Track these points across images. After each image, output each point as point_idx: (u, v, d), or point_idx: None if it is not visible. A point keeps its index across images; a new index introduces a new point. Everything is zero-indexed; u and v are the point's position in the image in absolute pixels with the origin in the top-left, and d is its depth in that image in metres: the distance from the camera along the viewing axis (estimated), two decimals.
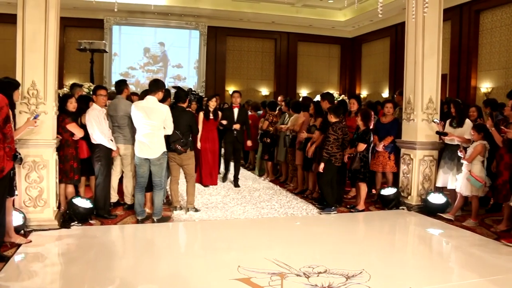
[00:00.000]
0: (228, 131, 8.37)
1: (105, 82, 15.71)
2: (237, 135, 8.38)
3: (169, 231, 5.75)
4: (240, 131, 8.37)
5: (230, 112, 8.42)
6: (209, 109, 7.99)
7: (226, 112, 8.45)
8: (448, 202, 6.55)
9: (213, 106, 8.01)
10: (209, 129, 7.99)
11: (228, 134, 8.42)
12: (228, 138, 8.47)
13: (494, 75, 12.32)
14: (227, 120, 8.26)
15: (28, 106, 5.22)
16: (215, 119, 8.05)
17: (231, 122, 8.26)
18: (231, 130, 8.31)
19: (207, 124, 7.94)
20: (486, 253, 4.95)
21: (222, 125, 8.26)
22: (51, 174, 5.38)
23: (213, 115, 8.02)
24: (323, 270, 4.19)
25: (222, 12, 16.14)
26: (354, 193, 7.51)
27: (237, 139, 8.44)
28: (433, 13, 6.65)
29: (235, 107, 8.41)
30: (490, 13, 12.40)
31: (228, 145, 8.60)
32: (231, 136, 8.38)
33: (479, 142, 5.94)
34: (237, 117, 8.35)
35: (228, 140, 8.51)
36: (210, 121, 7.97)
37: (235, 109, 8.39)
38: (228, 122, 8.25)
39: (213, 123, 8.04)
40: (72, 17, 14.48)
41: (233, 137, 8.37)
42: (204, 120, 7.91)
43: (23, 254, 4.53)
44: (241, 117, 8.38)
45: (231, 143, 8.49)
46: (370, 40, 17.84)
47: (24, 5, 5.18)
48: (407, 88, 7.01)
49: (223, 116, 8.28)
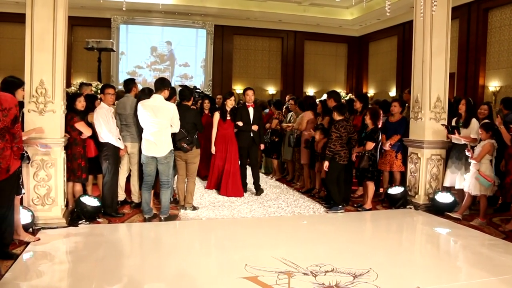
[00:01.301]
0: (243, 133, 7.55)
1: (112, 81, 15.77)
2: (254, 137, 7.59)
3: (176, 230, 5.77)
4: (256, 132, 7.60)
5: (245, 111, 7.57)
6: (226, 108, 7.44)
7: (241, 111, 7.61)
8: (455, 201, 6.52)
9: (231, 106, 7.47)
10: (225, 131, 7.41)
11: (243, 137, 7.55)
12: (244, 141, 7.56)
13: (502, 74, 12.23)
14: (243, 120, 7.48)
15: (37, 105, 5.25)
16: (233, 119, 7.45)
17: (247, 123, 7.51)
18: (246, 132, 7.53)
19: (224, 126, 7.38)
20: (495, 252, 4.93)
21: (237, 127, 7.52)
22: (59, 173, 5.41)
23: (230, 115, 7.44)
24: (330, 269, 4.18)
25: (229, 11, 16.13)
26: (361, 192, 7.49)
27: (253, 141, 7.62)
28: (441, 12, 6.62)
29: (249, 106, 7.59)
30: (498, 11, 12.31)
31: (243, 149, 7.62)
32: (248, 139, 7.55)
33: (488, 141, 5.90)
34: (253, 117, 7.55)
35: (243, 144, 7.56)
36: (227, 122, 7.39)
37: (250, 108, 7.57)
38: (244, 122, 7.49)
39: (230, 124, 7.43)
40: (79, 16, 14.53)
41: (250, 139, 7.56)
42: (221, 121, 7.37)
43: (31, 252, 4.56)
44: (257, 117, 7.64)
45: (247, 147, 7.62)
46: (377, 38, 17.76)
47: (33, 4, 5.22)
48: (414, 86, 6.98)
49: (238, 116, 7.53)
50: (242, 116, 7.49)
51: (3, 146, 4.12)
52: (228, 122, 7.41)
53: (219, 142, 7.39)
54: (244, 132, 7.52)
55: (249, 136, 7.53)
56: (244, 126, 7.45)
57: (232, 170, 7.36)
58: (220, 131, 7.37)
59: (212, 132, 7.44)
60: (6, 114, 4.06)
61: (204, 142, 8.00)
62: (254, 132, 7.54)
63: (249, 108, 7.56)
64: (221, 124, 7.36)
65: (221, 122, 7.36)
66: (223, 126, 7.38)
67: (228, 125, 7.42)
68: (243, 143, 7.54)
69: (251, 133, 7.51)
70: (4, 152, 4.12)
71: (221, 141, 7.41)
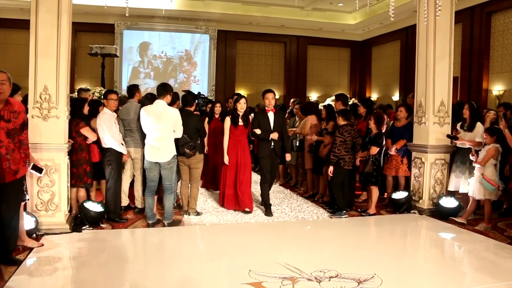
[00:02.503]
0: (263, 143, 6.61)
1: (116, 86, 15.83)
2: (275, 147, 6.57)
3: (180, 235, 5.75)
4: (278, 142, 6.57)
5: (264, 117, 6.60)
6: (237, 113, 6.61)
7: (259, 117, 6.65)
8: (460, 206, 6.49)
9: (242, 110, 6.58)
10: (237, 138, 6.59)
11: (263, 147, 6.60)
12: (264, 152, 6.58)
13: (506, 78, 12.20)
14: (261, 128, 6.54)
15: (41, 111, 5.26)
16: (246, 125, 6.65)
17: (267, 130, 6.55)
18: (267, 142, 6.55)
19: (235, 132, 6.58)
20: (500, 258, 4.89)
21: (255, 136, 6.61)
22: (62, 178, 5.41)
23: (242, 121, 6.63)
24: (334, 274, 4.16)
25: (232, 16, 16.19)
26: (365, 196, 7.47)
27: (275, 153, 6.61)
28: (444, 16, 6.61)
29: (269, 110, 6.63)
30: (502, 15, 12.30)
31: (265, 161, 6.59)
32: (267, 149, 6.56)
33: (492, 145, 5.88)
34: (274, 124, 6.58)
35: (264, 155, 6.59)
36: (238, 128, 6.58)
37: (270, 114, 6.60)
38: (263, 130, 6.54)
39: (243, 130, 6.62)
40: (83, 22, 14.60)
41: (270, 150, 6.56)
42: (232, 127, 6.58)
43: (35, 258, 4.56)
44: (278, 123, 6.62)
45: (268, 158, 6.60)
46: (380, 43, 17.77)
47: (37, 10, 5.24)
48: (418, 91, 6.97)
49: (255, 123, 6.62)
50: (260, 123, 6.55)
51: (14, 147, 4.22)
52: (240, 128, 6.60)
53: (229, 151, 6.61)
54: (264, 141, 6.59)
55: (269, 147, 6.55)
56: (263, 134, 6.51)
57: (242, 180, 6.59)
58: (231, 138, 6.59)
59: (223, 140, 6.66)
60: (17, 116, 4.22)
61: (212, 151, 7.83)
62: (275, 142, 6.56)
63: (268, 113, 6.62)
64: (232, 131, 6.57)
65: (232, 128, 6.57)
66: (235, 133, 6.59)
67: (240, 131, 6.62)
68: (264, 152, 6.60)
69: (271, 142, 6.54)
70: (14, 154, 4.21)
71: (232, 150, 6.61)
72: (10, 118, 4.16)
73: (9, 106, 4.18)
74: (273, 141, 6.51)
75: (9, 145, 4.17)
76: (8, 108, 4.17)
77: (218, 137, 7.42)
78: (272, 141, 6.50)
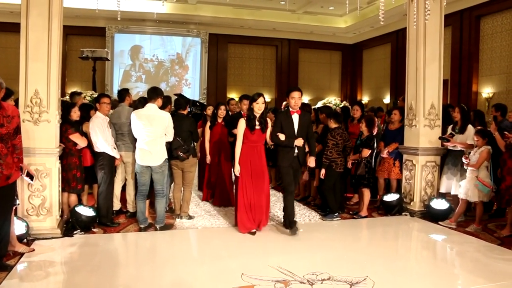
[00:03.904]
0: (285, 150, 5.65)
1: (107, 90, 15.79)
2: (299, 155, 5.69)
3: (172, 239, 5.73)
4: (302, 148, 5.72)
5: (287, 120, 5.67)
6: (254, 114, 5.60)
7: (282, 119, 5.70)
8: (451, 208, 6.53)
9: (260, 111, 5.56)
10: (253, 145, 5.60)
11: (284, 154, 5.66)
12: (285, 160, 5.66)
13: (495, 80, 12.33)
14: (285, 132, 5.62)
15: (31, 115, 5.23)
16: (263, 130, 5.64)
17: (291, 135, 5.62)
18: (289, 149, 5.63)
19: (251, 138, 5.57)
20: (491, 259, 4.93)
21: (277, 142, 5.63)
22: (54, 183, 5.37)
23: (259, 124, 5.61)
24: (327, 277, 4.17)
25: (223, 20, 16.22)
26: (356, 199, 7.50)
27: (298, 161, 5.73)
28: (434, 19, 6.68)
29: (294, 112, 5.69)
30: (490, 19, 12.44)
31: (287, 170, 5.69)
32: (290, 157, 5.65)
33: (484, 147, 5.93)
34: (298, 128, 5.66)
35: (285, 163, 5.67)
36: (255, 132, 5.57)
37: (294, 116, 5.68)
38: (286, 135, 5.60)
39: (260, 135, 5.62)
40: (74, 26, 14.55)
41: (293, 158, 5.66)
42: (247, 131, 5.56)
43: (26, 263, 4.52)
44: (304, 127, 5.70)
45: (290, 167, 5.70)
46: (371, 46, 17.89)
47: (28, 14, 5.21)
48: (409, 94, 7.02)
49: (277, 126, 5.69)
50: (283, 127, 5.65)
51: (7, 152, 4.19)
52: (257, 133, 5.58)
53: (244, 160, 5.58)
54: (286, 148, 5.64)
55: (291, 154, 5.65)
56: (286, 140, 5.58)
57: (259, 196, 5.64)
58: (245, 144, 5.59)
59: (236, 147, 5.66)
60: (10, 121, 4.19)
61: (216, 162, 7.23)
62: (298, 148, 5.66)
63: (293, 115, 5.68)
64: (248, 136, 5.57)
65: (248, 132, 5.56)
66: (251, 138, 5.57)
67: (257, 137, 5.60)
68: (285, 161, 5.68)
69: (295, 150, 5.65)
70: (7, 159, 4.19)
71: (246, 159, 5.59)
72: (3, 123, 4.13)
73: (2, 110, 4.15)
74: (297, 148, 5.63)
75: (2, 150, 4.14)
76: (1, 112, 4.13)
77: (223, 144, 7.17)
78: (296, 148, 5.62)
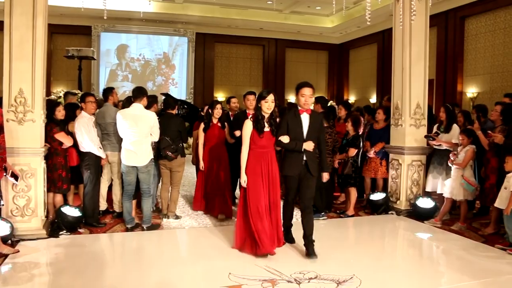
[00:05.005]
0: (292, 155, 4.81)
1: (93, 89, 15.65)
2: (308, 161, 4.79)
3: (159, 239, 5.71)
4: (312, 154, 4.83)
5: (295, 120, 4.81)
6: (263, 114, 4.77)
7: (289, 119, 4.82)
8: (436, 206, 6.60)
9: (270, 110, 4.73)
10: (261, 150, 4.76)
11: (292, 160, 4.82)
12: (292, 167, 4.82)
13: (479, 80, 12.49)
14: (291, 134, 4.75)
15: (16, 114, 5.16)
16: (274, 132, 4.79)
17: (298, 138, 4.75)
18: (297, 154, 4.77)
19: (259, 142, 4.72)
20: (475, 256, 5.00)
21: (281, 145, 4.82)
22: (39, 183, 5.31)
23: (269, 126, 4.78)
24: (314, 276, 4.19)
25: (210, 19, 16.19)
26: (343, 198, 7.53)
27: (307, 169, 4.80)
28: (420, 20, 6.72)
29: (303, 111, 4.82)
30: (474, 20, 12.60)
31: (292, 180, 4.90)
32: (298, 164, 4.79)
33: (469, 147, 6.00)
34: (308, 130, 4.80)
35: (291, 171, 4.84)
36: (264, 135, 4.73)
37: (303, 116, 4.82)
38: (292, 137, 4.74)
39: (270, 139, 4.78)
40: (59, 24, 14.41)
41: (301, 166, 4.79)
42: (255, 134, 4.71)
43: (10, 265, 4.47)
44: (314, 129, 4.82)
45: (297, 176, 4.85)
46: (358, 46, 18.00)
47: (11, 12, 5.14)
48: (395, 93, 7.07)
49: (282, 127, 4.82)
50: (290, 128, 4.79)
51: None
52: (266, 136, 4.76)
53: (249, 168, 4.76)
54: (294, 153, 4.82)
55: (300, 161, 4.79)
56: (292, 143, 4.74)
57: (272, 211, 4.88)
58: (252, 150, 4.76)
59: (241, 152, 4.80)
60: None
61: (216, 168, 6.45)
62: (308, 154, 4.79)
63: (302, 114, 4.83)
64: (255, 140, 4.73)
65: (255, 136, 4.72)
66: (259, 143, 4.74)
67: (267, 141, 4.77)
68: (292, 170, 4.84)
69: (303, 155, 4.80)
70: None
71: (254, 166, 4.76)
72: None
73: None
74: (305, 154, 4.77)
75: None
76: None
77: (221, 149, 6.50)
78: (304, 153, 4.77)
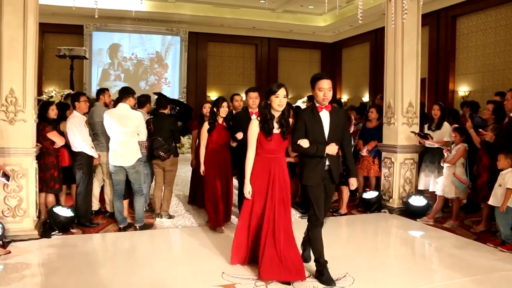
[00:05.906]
0: (313, 161, 3.97)
1: (85, 89, 15.59)
2: (332, 166, 4.00)
3: (152, 239, 5.69)
4: (336, 157, 4.05)
5: (313, 119, 3.97)
6: (272, 113, 4.09)
7: (306, 118, 3.99)
8: (429, 204, 6.63)
9: (281, 108, 4.07)
10: (270, 156, 4.09)
11: (312, 168, 3.98)
12: (314, 177, 3.98)
13: (471, 79, 12.56)
14: (309, 137, 3.93)
15: (7, 114, 5.12)
16: (284, 135, 4.09)
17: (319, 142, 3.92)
18: (319, 159, 3.95)
19: (267, 146, 4.06)
20: (467, 254, 5.03)
21: (299, 150, 4.00)
22: (30, 183, 5.28)
23: (279, 127, 4.09)
24: (307, 274, 4.19)
25: (203, 18, 16.15)
26: (336, 197, 7.53)
27: (330, 176, 4.04)
28: (411, 19, 6.76)
29: (322, 108, 3.98)
30: (466, 19, 12.67)
31: (317, 190, 4.01)
32: (319, 171, 3.98)
33: (461, 145, 6.04)
34: (329, 130, 3.97)
35: (314, 180, 3.99)
36: (273, 138, 4.04)
37: (323, 113, 3.98)
38: (312, 140, 3.91)
39: (280, 142, 4.10)
40: (50, 23, 14.31)
41: (324, 172, 4.00)
42: (261, 136, 4.04)
43: (1, 266, 4.44)
44: (338, 128, 4.01)
45: (321, 185, 4.02)
46: (350, 45, 18.04)
47: (2, 10, 5.10)
48: (387, 92, 7.10)
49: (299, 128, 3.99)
50: (308, 129, 3.97)
51: None
52: (275, 138, 4.07)
53: (255, 176, 4.13)
54: (314, 158, 3.97)
55: (321, 167, 3.99)
56: (313, 148, 3.91)
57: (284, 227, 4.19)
58: (260, 156, 4.11)
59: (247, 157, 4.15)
60: None
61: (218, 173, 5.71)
62: (331, 158, 4.00)
63: (321, 112, 3.99)
64: (263, 143, 4.07)
65: (262, 138, 4.05)
66: (266, 147, 4.08)
67: (276, 145, 4.09)
68: (315, 178, 4.00)
69: (325, 160, 4.00)
70: None
71: (261, 175, 4.11)
72: None
73: None
74: (328, 158, 3.98)
75: None
76: None
77: (225, 153, 5.78)
78: (327, 157, 3.97)
